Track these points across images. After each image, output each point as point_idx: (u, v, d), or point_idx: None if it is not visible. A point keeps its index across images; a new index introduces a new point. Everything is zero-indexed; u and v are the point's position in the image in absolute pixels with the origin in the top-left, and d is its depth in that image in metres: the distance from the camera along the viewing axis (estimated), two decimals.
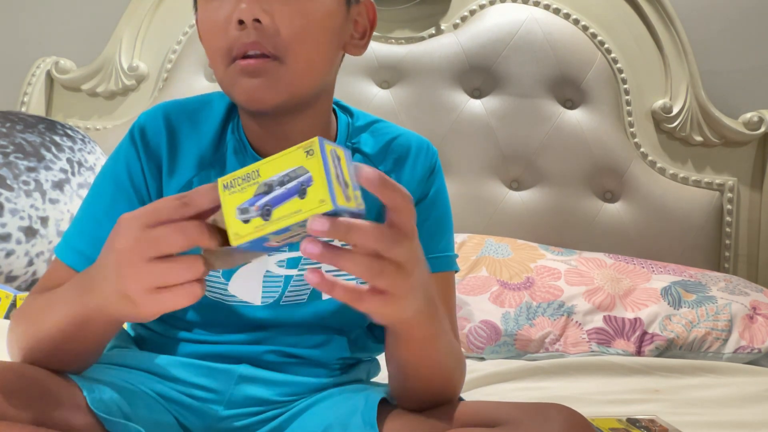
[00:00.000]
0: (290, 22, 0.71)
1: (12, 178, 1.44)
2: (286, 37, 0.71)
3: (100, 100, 1.95)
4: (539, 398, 1.09)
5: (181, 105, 0.82)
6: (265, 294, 0.78)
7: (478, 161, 1.81)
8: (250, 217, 0.53)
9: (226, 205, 0.54)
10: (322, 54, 0.75)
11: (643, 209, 1.78)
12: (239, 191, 0.53)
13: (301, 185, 0.52)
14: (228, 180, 0.54)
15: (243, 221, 0.53)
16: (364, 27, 0.81)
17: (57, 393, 0.64)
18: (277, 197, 0.52)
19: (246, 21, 0.69)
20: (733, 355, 1.36)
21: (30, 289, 1.42)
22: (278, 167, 0.53)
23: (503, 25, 1.82)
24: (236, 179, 0.54)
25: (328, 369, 0.81)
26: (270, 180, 0.53)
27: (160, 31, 1.93)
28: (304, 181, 0.52)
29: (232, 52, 0.71)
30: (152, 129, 0.79)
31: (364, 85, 1.84)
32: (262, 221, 0.53)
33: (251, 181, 0.53)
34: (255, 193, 0.53)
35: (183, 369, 0.76)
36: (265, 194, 0.53)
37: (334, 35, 0.76)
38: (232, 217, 0.53)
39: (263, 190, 0.53)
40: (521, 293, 1.43)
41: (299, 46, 0.71)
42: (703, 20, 1.85)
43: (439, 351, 0.70)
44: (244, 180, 0.53)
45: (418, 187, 0.82)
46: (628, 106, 1.81)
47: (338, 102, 0.86)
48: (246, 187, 0.53)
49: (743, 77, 1.86)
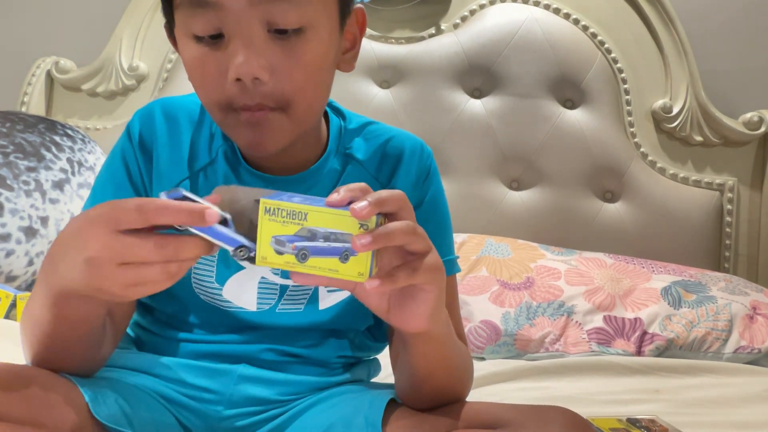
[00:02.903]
0: (292, 78, 0.68)
1: (12, 178, 1.44)
2: (288, 92, 0.68)
3: (100, 100, 1.95)
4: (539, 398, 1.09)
5: (176, 103, 0.81)
6: (260, 301, 0.78)
7: (478, 161, 1.81)
8: (284, 251, 0.56)
9: (262, 227, 0.56)
10: (323, 93, 0.74)
11: (643, 209, 1.78)
12: (279, 223, 0.56)
13: (345, 251, 0.56)
14: (272, 207, 0.56)
15: (276, 252, 0.56)
16: (353, 35, 0.78)
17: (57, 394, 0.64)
18: (318, 248, 0.56)
19: (245, 80, 0.66)
20: (733, 355, 1.36)
21: (30, 289, 1.43)
22: (328, 222, 0.56)
23: (503, 25, 1.82)
24: (280, 211, 0.56)
25: (328, 368, 0.81)
26: (316, 229, 0.56)
27: (160, 31, 1.92)
28: (350, 250, 0.56)
29: (231, 105, 0.69)
30: (147, 127, 0.79)
31: (364, 85, 1.84)
32: (296, 261, 0.56)
33: (295, 221, 0.56)
34: (296, 232, 0.56)
35: (183, 370, 0.76)
36: (306, 239, 0.56)
37: (331, 68, 0.75)
38: (266, 242, 0.56)
39: (306, 234, 0.56)
40: (521, 293, 1.43)
41: (301, 96, 0.70)
42: (703, 20, 1.85)
43: (452, 355, 0.71)
44: (288, 216, 0.56)
45: (413, 191, 0.81)
46: (628, 106, 1.81)
47: (331, 103, 0.84)
48: (288, 222, 0.56)
49: (743, 77, 1.86)
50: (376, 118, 0.88)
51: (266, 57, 0.67)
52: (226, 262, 0.77)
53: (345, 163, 0.81)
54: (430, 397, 0.72)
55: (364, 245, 0.54)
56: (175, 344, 0.79)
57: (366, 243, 0.54)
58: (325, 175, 0.80)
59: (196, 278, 0.77)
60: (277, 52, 0.67)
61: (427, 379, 0.71)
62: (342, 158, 0.81)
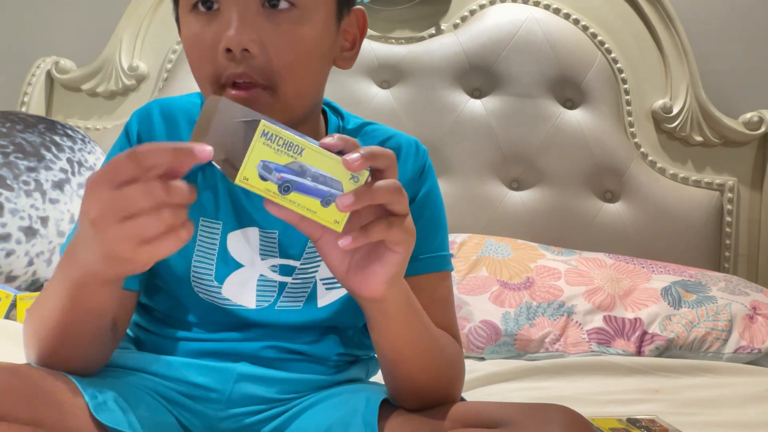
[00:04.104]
0: (281, 54, 0.69)
1: (12, 178, 1.44)
2: (276, 68, 0.69)
3: (100, 100, 1.95)
4: (539, 398, 1.09)
5: (174, 104, 0.82)
6: (259, 298, 0.78)
7: (478, 161, 1.81)
8: (269, 178, 0.55)
9: (254, 148, 0.54)
10: (313, 79, 0.74)
11: (643, 209, 1.78)
12: (273, 150, 0.54)
13: (329, 195, 0.56)
14: (270, 132, 0.54)
15: (260, 176, 0.54)
16: (354, 36, 0.79)
17: (57, 393, 0.64)
18: (303, 186, 0.55)
19: (234, 50, 0.67)
20: (733, 355, 1.36)
21: (30, 289, 1.43)
22: (322, 164, 0.55)
23: (503, 25, 1.82)
24: (278, 138, 0.54)
25: (327, 366, 0.81)
26: (307, 167, 0.55)
27: (160, 31, 1.93)
28: (335, 196, 0.56)
29: (221, 80, 0.69)
30: (145, 127, 0.79)
31: (364, 85, 1.84)
32: (277, 191, 0.55)
33: (290, 152, 0.55)
34: (286, 163, 0.55)
35: (182, 369, 0.76)
36: (295, 173, 0.55)
37: (325, 57, 0.75)
38: (253, 164, 0.54)
39: (296, 168, 0.55)
40: (521, 293, 1.43)
41: (290, 77, 0.70)
42: (703, 20, 1.85)
43: (421, 339, 0.70)
44: (284, 145, 0.55)
45: (408, 188, 0.81)
46: (628, 106, 1.81)
47: (329, 103, 0.85)
48: (282, 152, 0.55)
49: (743, 77, 1.86)
50: (376, 119, 0.89)
51: (257, 31, 0.68)
52: (225, 260, 0.77)
53: None
54: (412, 391, 0.72)
55: (347, 206, 0.55)
56: (174, 343, 0.79)
57: (349, 204, 0.55)
58: None
59: (195, 276, 0.77)
60: (268, 28, 0.69)
61: (398, 364, 0.71)
62: None
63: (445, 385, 0.75)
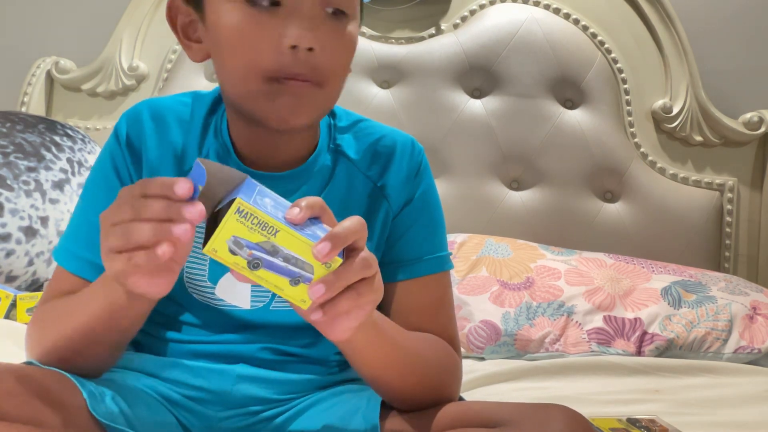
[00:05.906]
0: (337, 56, 0.72)
1: (12, 178, 1.44)
2: (330, 69, 0.72)
3: (100, 100, 1.95)
4: (539, 398, 1.09)
5: (163, 104, 0.81)
6: (254, 299, 0.78)
7: (478, 161, 1.81)
8: (238, 252, 0.55)
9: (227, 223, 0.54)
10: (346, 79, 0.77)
11: (643, 209, 1.78)
12: (247, 228, 0.54)
13: (299, 276, 0.56)
14: (246, 210, 0.54)
15: (229, 250, 0.55)
16: None
17: (57, 393, 0.64)
18: (273, 264, 0.55)
19: (301, 48, 0.69)
20: (733, 355, 1.36)
21: (30, 289, 1.43)
22: (295, 247, 0.55)
23: (503, 25, 1.82)
24: (253, 217, 0.54)
25: (326, 366, 0.81)
26: (280, 248, 0.55)
27: (160, 31, 1.93)
28: (304, 278, 0.56)
29: (278, 73, 0.70)
30: (134, 128, 0.79)
31: (364, 85, 1.84)
32: (246, 266, 0.55)
33: (264, 233, 0.55)
34: (258, 242, 0.55)
35: (181, 371, 0.76)
36: (267, 253, 0.55)
37: None
38: (224, 237, 0.54)
39: (268, 248, 0.55)
40: (521, 293, 1.43)
41: (337, 77, 0.74)
42: (703, 20, 1.85)
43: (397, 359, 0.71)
44: (259, 225, 0.54)
45: (404, 187, 0.81)
46: (628, 106, 1.81)
47: None
48: (256, 230, 0.54)
49: (743, 77, 1.86)
50: (376, 119, 0.88)
51: (321, 31, 0.70)
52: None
53: (336, 161, 0.81)
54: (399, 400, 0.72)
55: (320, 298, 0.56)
56: (172, 345, 0.79)
57: (321, 295, 0.56)
58: (317, 172, 0.80)
59: (189, 277, 0.77)
60: (328, 30, 0.70)
61: (377, 382, 0.72)
62: (333, 155, 0.81)
63: (433, 391, 0.74)
